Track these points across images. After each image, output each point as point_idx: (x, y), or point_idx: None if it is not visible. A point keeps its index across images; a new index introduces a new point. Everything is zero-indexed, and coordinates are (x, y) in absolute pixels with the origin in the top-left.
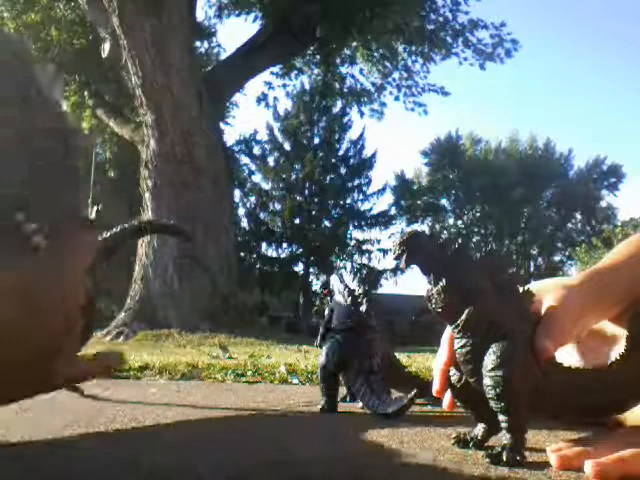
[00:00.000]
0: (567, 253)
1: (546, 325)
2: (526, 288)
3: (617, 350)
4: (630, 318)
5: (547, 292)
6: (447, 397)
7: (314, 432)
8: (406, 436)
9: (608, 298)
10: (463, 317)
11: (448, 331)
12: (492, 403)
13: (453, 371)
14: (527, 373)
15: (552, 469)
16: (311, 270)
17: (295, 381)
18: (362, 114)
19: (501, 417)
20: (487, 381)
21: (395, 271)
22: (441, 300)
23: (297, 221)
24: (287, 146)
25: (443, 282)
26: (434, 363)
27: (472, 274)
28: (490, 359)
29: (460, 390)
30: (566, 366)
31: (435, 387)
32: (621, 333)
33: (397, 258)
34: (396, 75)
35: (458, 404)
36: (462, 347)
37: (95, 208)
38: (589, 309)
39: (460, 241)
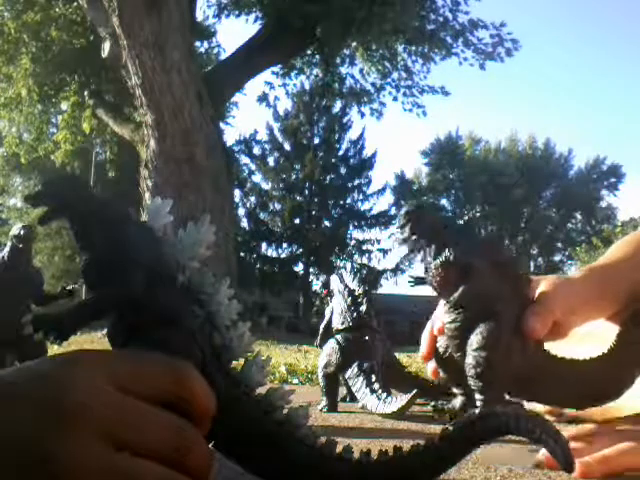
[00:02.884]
0: (567, 253)
1: (535, 305)
2: (524, 272)
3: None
4: (626, 316)
5: (543, 281)
6: (431, 365)
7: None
8: (406, 436)
9: (608, 295)
10: (457, 294)
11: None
12: (471, 381)
13: (441, 341)
14: (510, 357)
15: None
16: (311, 270)
17: (295, 381)
18: (363, 115)
19: (477, 395)
20: (469, 359)
21: (395, 271)
22: (438, 274)
23: (297, 221)
24: (287, 146)
25: (442, 257)
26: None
27: (472, 250)
28: (476, 339)
29: (445, 360)
30: (556, 355)
31: (422, 350)
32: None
33: (402, 227)
34: (395, 75)
35: (441, 372)
36: (452, 322)
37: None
38: (584, 302)
39: (466, 219)
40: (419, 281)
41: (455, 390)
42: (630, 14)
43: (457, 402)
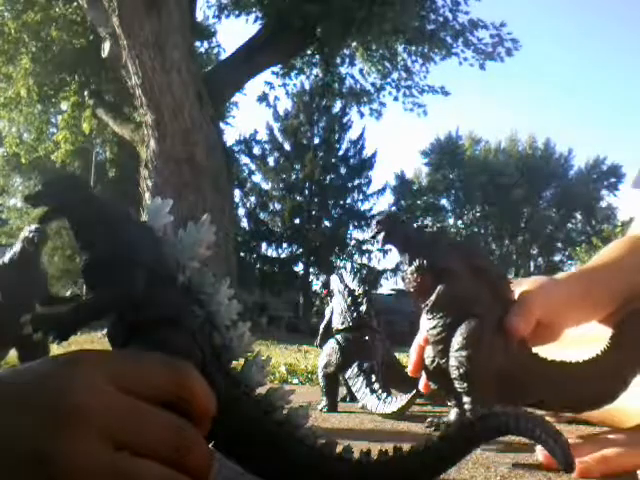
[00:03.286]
0: (567, 253)
1: (517, 305)
2: (502, 274)
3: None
4: (619, 319)
5: (526, 282)
6: (423, 378)
7: None
8: (406, 436)
9: (594, 296)
10: (433, 297)
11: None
12: (456, 383)
13: (427, 352)
14: (492, 356)
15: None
16: (311, 270)
17: (295, 381)
18: (362, 115)
19: (465, 398)
20: (452, 361)
21: (395, 271)
22: (414, 280)
23: (297, 221)
24: (287, 146)
25: (417, 262)
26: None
27: (446, 256)
28: (456, 340)
29: (433, 371)
30: (545, 358)
31: (409, 366)
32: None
33: (374, 237)
34: (395, 75)
35: (433, 386)
36: (433, 328)
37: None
38: (570, 302)
39: (438, 226)
40: (400, 292)
41: (449, 402)
42: (630, 15)
43: (452, 415)
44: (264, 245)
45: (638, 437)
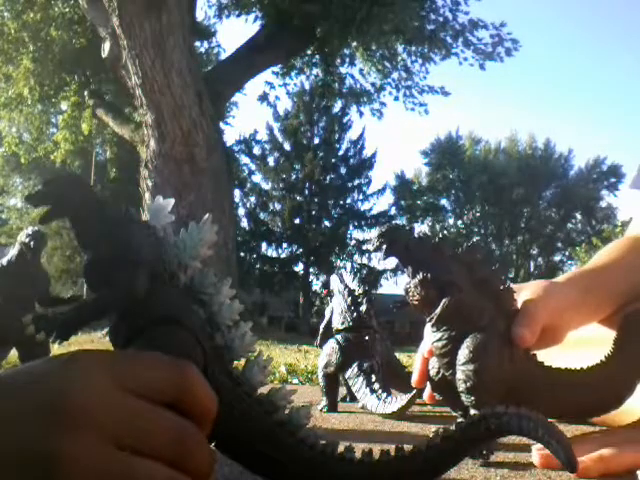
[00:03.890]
0: (567, 253)
1: (521, 314)
2: (507, 284)
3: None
4: (619, 320)
5: (527, 288)
6: (428, 389)
7: None
8: (406, 436)
9: (595, 297)
10: (438, 310)
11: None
12: (463, 397)
13: (432, 364)
14: (499, 368)
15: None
16: (311, 270)
17: (295, 381)
18: (361, 114)
19: (472, 411)
20: (459, 375)
21: (395, 271)
22: (417, 293)
23: (297, 221)
24: (287, 146)
25: (420, 275)
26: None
27: (450, 268)
28: (463, 353)
29: (438, 383)
30: (551, 366)
31: (414, 378)
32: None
33: (376, 250)
34: (395, 75)
35: (438, 397)
36: (438, 340)
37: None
38: (572, 305)
39: (440, 236)
40: (402, 304)
41: (454, 413)
42: (630, 15)
43: None
44: (264, 245)
45: (635, 435)
